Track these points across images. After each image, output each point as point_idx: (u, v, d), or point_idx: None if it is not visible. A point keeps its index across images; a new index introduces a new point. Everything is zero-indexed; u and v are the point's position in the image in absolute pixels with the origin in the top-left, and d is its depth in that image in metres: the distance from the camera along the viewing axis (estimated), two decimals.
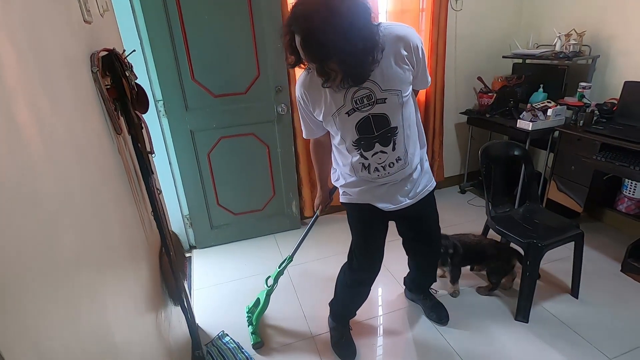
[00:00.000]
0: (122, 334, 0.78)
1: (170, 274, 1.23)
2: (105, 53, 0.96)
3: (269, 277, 1.80)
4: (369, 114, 1.16)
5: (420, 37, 1.14)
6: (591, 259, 2.09)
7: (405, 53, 1.11)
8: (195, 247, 2.56)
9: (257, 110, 2.31)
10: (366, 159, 1.25)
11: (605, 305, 1.78)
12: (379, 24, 1.03)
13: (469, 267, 2.11)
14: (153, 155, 1.09)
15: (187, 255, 2.50)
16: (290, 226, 2.68)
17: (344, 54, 0.96)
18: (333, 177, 1.47)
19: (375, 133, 1.19)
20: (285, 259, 1.78)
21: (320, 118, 1.23)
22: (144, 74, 2.05)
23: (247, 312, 1.84)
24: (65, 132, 0.67)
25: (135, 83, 1.19)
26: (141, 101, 1.21)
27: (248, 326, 1.77)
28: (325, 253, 2.37)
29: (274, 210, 2.61)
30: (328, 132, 1.32)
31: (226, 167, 2.39)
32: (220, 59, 2.13)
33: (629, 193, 2.08)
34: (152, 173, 1.11)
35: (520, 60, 2.73)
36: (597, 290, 1.87)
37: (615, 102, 2.15)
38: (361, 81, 1.08)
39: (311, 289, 2.07)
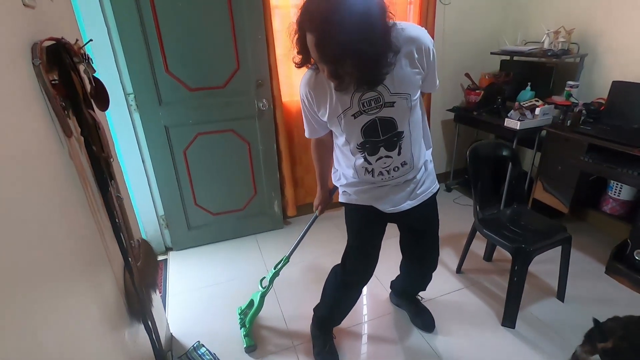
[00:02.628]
0: (72, 355, 0.68)
1: (132, 290, 1.11)
2: (52, 43, 0.83)
3: (264, 277, 1.72)
4: (376, 117, 1.09)
5: (432, 39, 1.07)
6: (576, 259, 2.08)
7: (417, 55, 1.04)
8: (171, 249, 2.43)
9: (236, 106, 2.18)
10: (370, 163, 1.18)
11: (591, 308, 1.76)
12: (394, 24, 0.96)
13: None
14: (111, 159, 0.96)
15: (163, 258, 2.37)
16: (272, 226, 2.58)
17: (361, 56, 0.89)
18: (334, 177, 1.39)
19: (381, 137, 1.13)
20: (282, 260, 1.69)
21: (325, 118, 1.15)
22: (112, 64, 1.90)
23: (239, 314, 1.75)
24: None
25: (94, 77, 1.06)
26: (100, 97, 1.08)
27: (240, 328, 1.69)
28: (316, 253, 2.28)
29: (255, 209, 2.50)
30: (331, 131, 1.25)
31: (204, 165, 2.26)
32: (197, 50, 1.99)
33: (614, 194, 2.07)
34: (112, 179, 0.99)
35: (508, 57, 2.68)
36: (583, 292, 1.86)
37: (603, 101, 2.13)
38: (375, 85, 1.02)
39: (295, 292, 1.98)
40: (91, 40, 1.05)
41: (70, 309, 0.75)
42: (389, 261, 1.63)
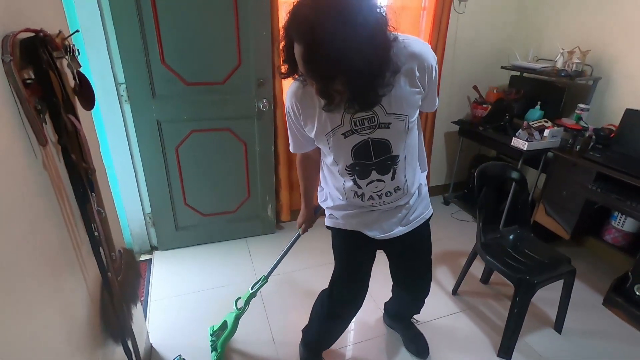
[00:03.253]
0: None
1: (110, 309, 1.01)
2: (28, 36, 0.71)
3: (239, 298, 1.61)
4: (369, 138, 0.98)
5: (435, 55, 0.96)
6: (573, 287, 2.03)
7: (418, 74, 0.93)
8: (157, 249, 2.32)
9: (235, 104, 2.06)
10: (360, 187, 1.08)
11: (588, 341, 1.72)
12: (395, 37, 0.83)
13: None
14: (91, 170, 0.85)
15: (147, 257, 2.26)
16: (264, 231, 2.48)
17: (355, 74, 0.76)
18: (320, 197, 1.29)
19: (373, 159, 1.02)
20: (260, 280, 1.59)
21: (312, 135, 1.04)
22: (104, 51, 1.76)
23: (210, 335, 1.64)
24: None
25: (78, 72, 0.94)
26: (85, 95, 0.96)
27: (211, 352, 1.58)
28: (304, 264, 2.19)
29: (247, 213, 2.39)
30: (318, 147, 1.13)
31: (196, 163, 2.14)
32: (196, 42, 1.86)
33: (618, 225, 2.02)
34: (92, 191, 0.87)
35: (518, 73, 2.60)
36: (579, 324, 1.81)
37: (613, 128, 2.07)
38: (369, 107, 0.90)
39: (284, 306, 1.89)
40: (77, 31, 0.92)
41: (30, 330, 0.65)
42: (384, 279, 1.53)
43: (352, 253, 1.28)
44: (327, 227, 1.28)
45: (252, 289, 1.58)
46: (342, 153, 1.02)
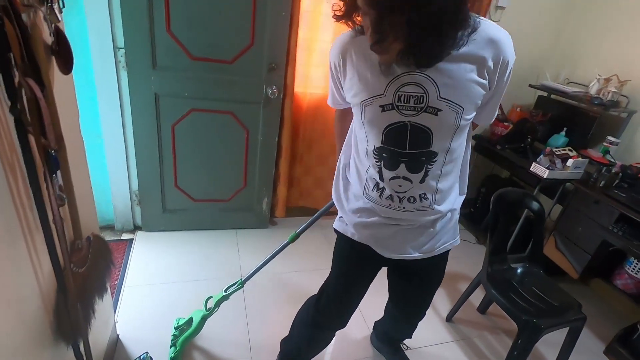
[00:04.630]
0: None
1: (63, 309, 0.87)
2: None
3: (211, 297, 1.48)
4: (409, 121, 0.81)
5: (514, 54, 0.80)
6: None
7: (491, 65, 0.77)
8: (140, 229, 2.18)
9: (242, 87, 1.90)
10: (382, 179, 0.91)
11: None
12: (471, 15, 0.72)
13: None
14: (52, 150, 0.70)
15: (129, 237, 2.12)
16: (256, 224, 2.34)
17: (422, 10, 0.62)
18: (334, 191, 1.09)
19: (406, 149, 0.84)
20: (235, 283, 1.46)
21: (349, 97, 0.90)
22: (105, 10, 1.59)
23: (174, 328, 1.51)
24: None
25: (57, 28, 0.78)
26: (62, 56, 0.81)
27: (170, 347, 1.45)
28: (295, 267, 2.06)
29: (241, 203, 2.25)
30: None
31: (193, 144, 1.98)
32: (208, 13, 1.69)
33: (632, 271, 1.89)
34: (53, 173, 0.73)
35: (547, 94, 2.44)
36: None
37: None
38: (427, 63, 0.74)
39: (267, 309, 1.76)
40: None
41: None
42: (377, 297, 1.39)
43: (353, 266, 1.13)
44: (335, 230, 1.12)
45: (225, 291, 1.44)
46: (373, 130, 0.86)
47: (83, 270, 0.99)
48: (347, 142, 1.05)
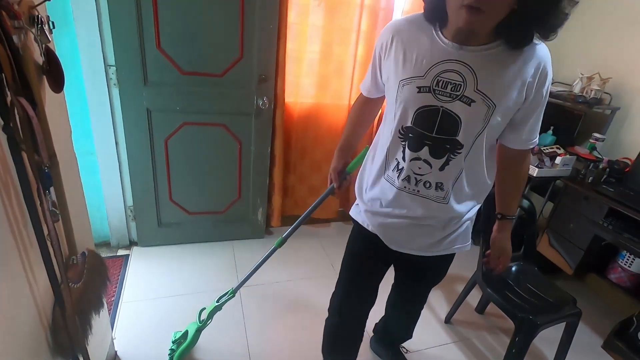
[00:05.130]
0: None
1: (61, 324, 0.88)
2: None
3: (204, 309, 1.48)
4: (442, 107, 0.84)
5: (552, 76, 0.86)
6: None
7: (530, 78, 0.82)
8: (136, 244, 2.17)
9: (233, 99, 1.93)
10: (404, 159, 0.93)
11: None
12: None
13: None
14: (45, 166, 0.71)
15: (125, 253, 2.11)
16: (252, 235, 2.35)
17: None
18: (359, 174, 1.12)
19: (433, 133, 0.87)
20: (227, 293, 1.46)
21: (386, 78, 0.95)
22: (95, 29, 1.62)
23: (172, 342, 1.50)
24: None
25: (47, 48, 0.80)
26: (53, 75, 0.83)
27: None
28: (291, 275, 2.06)
29: (236, 215, 2.26)
30: (383, 99, 1.08)
31: (186, 158, 2.00)
32: (197, 29, 1.72)
33: (625, 264, 1.92)
34: (47, 189, 0.74)
35: None
36: None
37: (629, 162, 1.96)
38: (526, 37, 0.80)
39: (266, 319, 1.76)
40: None
41: None
42: (379, 299, 1.40)
43: (363, 254, 1.15)
44: (350, 215, 1.16)
45: (217, 302, 1.44)
46: (405, 110, 0.89)
47: (79, 286, 0.99)
48: (378, 133, 1.07)
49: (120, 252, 2.12)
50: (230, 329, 1.68)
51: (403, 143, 0.92)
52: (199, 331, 1.44)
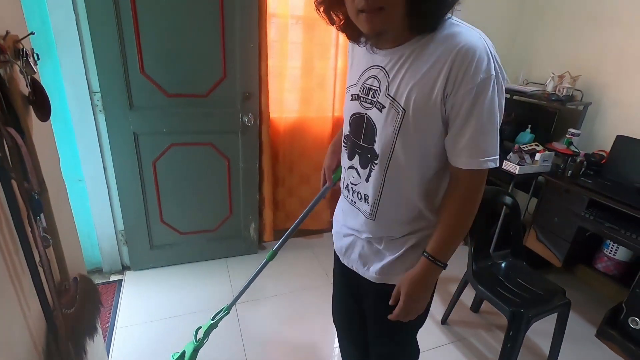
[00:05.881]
0: None
1: (54, 351, 0.88)
2: None
3: (200, 327, 1.47)
4: (365, 113, 0.81)
5: (491, 71, 0.68)
6: None
7: (445, 78, 0.68)
8: (129, 269, 2.16)
9: (218, 118, 1.96)
10: (344, 167, 0.93)
11: None
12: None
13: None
14: (35, 193, 0.73)
15: (118, 278, 2.09)
16: (246, 251, 2.35)
17: None
18: None
19: (360, 141, 0.84)
20: (221, 310, 1.45)
21: None
22: (78, 57, 1.65)
23: None
24: None
25: (33, 79, 0.83)
26: (40, 105, 0.85)
27: None
28: (287, 288, 2.07)
29: (228, 231, 2.26)
30: None
31: (175, 179, 2.02)
32: (179, 52, 1.77)
33: (610, 253, 1.97)
34: (38, 215, 0.76)
35: (509, 96, 2.58)
36: (573, 358, 1.72)
37: (604, 154, 2.05)
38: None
39: (264, 333, 1.76)
40: (32, 33, 0.82)
41: None
42: None
43: (337, 277, 1.12)
44: None
45: (212, 319, 1.44)
46: (345, 117, 0.89)
47: (72, 312, 1.00)
48: None
49: (113, 278, 2.10)
50: (228, 345, 1.67)
51: (345, 151, 0.91)
52: (196, 351, 1.43)
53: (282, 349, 1.70)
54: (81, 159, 1.84)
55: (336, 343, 1.71)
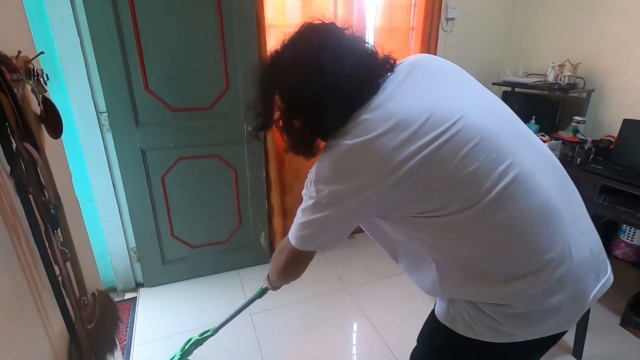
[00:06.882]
0: None
1: None
2: None
3: (191, 339, 1.38)
4: None
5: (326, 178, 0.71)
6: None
7: None
8: (142, 285, 2.16)
9: (223, 129, 1.98)
10: None
11: None
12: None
13: None
14: (51, 207, 0.74)
15: (132, 295, 2.09)
16: (258, 261, 2.34)
17: None
18: None
19: None
20: (209, 330, 1.37)
21: None
22: (84, 79, 1.68)
23: None
24: None
25: (44, 98, 0.85)
26: (51, 122, 0.87)
27: None
28: (301, 296, 2.05)
29: (239, 242, 2.26)
30: None
31: (184, 192, 2.03)
32: (181, 67, 1.80)
33: (627, 239, 1.93)
34: (55, 229, 0.76)
35: (510, 89, 2.59)
36: (599, 348, 1.68)
37: (612, 139, 2.03)
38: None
39: (281, 343, 1.74)
40: (42, 52, 0.84)
41: None
42: (388, 306, 1.41)
43: None
44: None
45: (200, 336, 1.37)
46: None
47: (92, 326, 1.00)
48: None
49: (128, 296, 2.10)
50: (246, 357, 1.65)
51: None
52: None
53: (301, 356, 1.67)
54: (90, 178, 1.86)
55: (355, 350, 1.69)
